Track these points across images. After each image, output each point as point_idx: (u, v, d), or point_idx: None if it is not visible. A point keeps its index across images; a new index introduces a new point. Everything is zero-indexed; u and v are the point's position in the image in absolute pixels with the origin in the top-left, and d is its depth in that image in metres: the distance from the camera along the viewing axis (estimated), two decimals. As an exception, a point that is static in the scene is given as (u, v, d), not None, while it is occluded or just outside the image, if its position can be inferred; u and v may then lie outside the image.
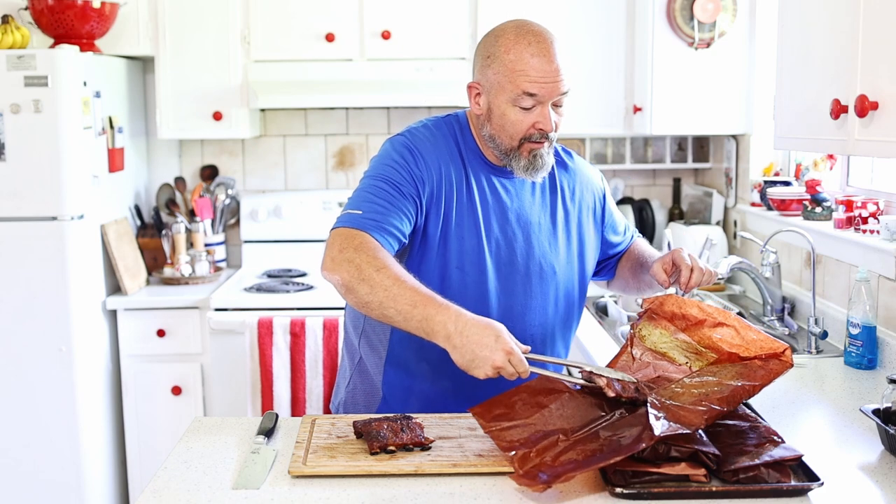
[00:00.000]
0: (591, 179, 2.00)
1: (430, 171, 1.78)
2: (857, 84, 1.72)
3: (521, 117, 1.76)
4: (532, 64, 1.72)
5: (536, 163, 1.79)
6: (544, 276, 1.88)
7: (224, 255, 3.78)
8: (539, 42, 1.73)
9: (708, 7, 3.20)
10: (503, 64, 1.74)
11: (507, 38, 1.76)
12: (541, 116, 1.75)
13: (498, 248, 1.83)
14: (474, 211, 1.81)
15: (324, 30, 3.48)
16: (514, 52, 1.73)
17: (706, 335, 1.65)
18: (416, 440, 1.57)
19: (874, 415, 1.63)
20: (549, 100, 1.75)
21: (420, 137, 1.83)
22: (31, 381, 3.11)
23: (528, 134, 1.76)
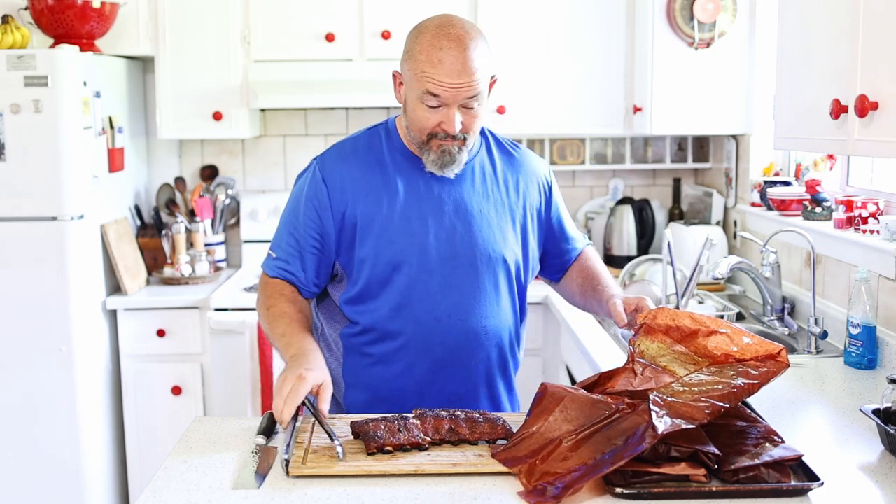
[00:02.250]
0: (537, 172, 2.00)
1: (339, 194, 1.85)
2: (857, 84, 1.72)
3: (428, 115, 1.77)
4: (439, 69, 1.72)
5: (445, 158, 1.81)
6: (493, 267, 1.88)
7: (224, 255, 3.78)
8: (451, 47, 1.72)
9: (708, 7, 3.20)
10: (416, 62, 1.76)
11: (424, 36, 1.76)
12: (444, 117, 1.77)
13: (438, 242, 1.84)
14: (406, 212, 1.84)
15: (324, 30, 3.48)
16: (426, 52, 1.74)
17: (701, 344, 1.65)
18: (412, 441, 1.57)
19: (874, 415, 1.63)
20: (453, 103, 1.75)
21: (332, 157, 1.90)
22: (31, 381, 3.11)
23: (434, 131, 1.79)
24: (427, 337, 1.85)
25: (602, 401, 1.55)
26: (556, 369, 3.18)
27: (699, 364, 1.63)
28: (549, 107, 3.52)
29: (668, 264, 2.85)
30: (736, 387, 1.51)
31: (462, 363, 1.88)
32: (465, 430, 1.60)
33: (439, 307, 1.84)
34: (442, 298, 1.84)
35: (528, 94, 3.51)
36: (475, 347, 1.88)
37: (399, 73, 1.83)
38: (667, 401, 1.47)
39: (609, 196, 3.92)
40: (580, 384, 1.68)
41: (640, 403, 1.50)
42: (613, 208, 3.72)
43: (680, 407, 1.45)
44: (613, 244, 3.68)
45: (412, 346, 1.86)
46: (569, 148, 3.79)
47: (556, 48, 3.50)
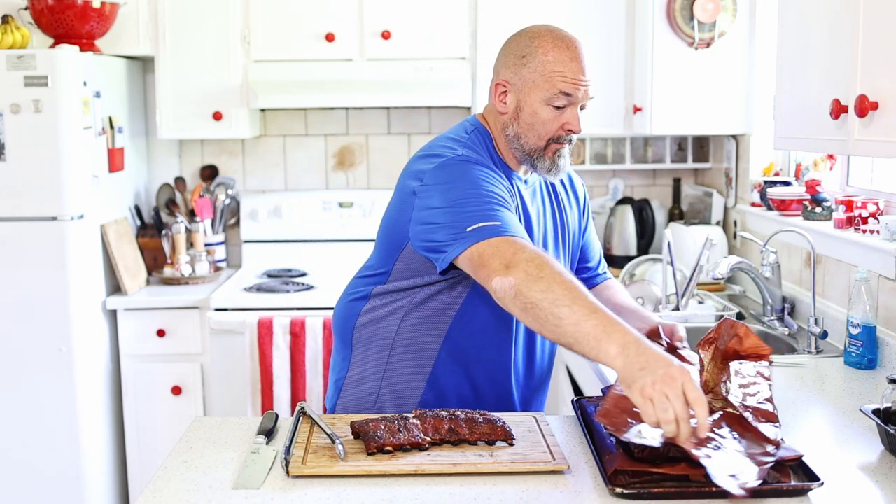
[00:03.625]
0: (578, 190, 2.05)
1: (503, 182, 1.77)
2: (857, 84, 1.72)
3: (553, 116, 1.80)
4: (570, 66, 1.78)
5: (559, 163, 1.84)
6: None
7: (224, 255, 3.78)
8: (575, 48, 1.80)
9: (708, 7, 3.20)
10: (542, 64, 1.78)
11: (544, 39, 1.80)
12: (571, 117, 1.80)
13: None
14: (519, 220, 1.82)
15: (324, 30, 3.48)
16: (553, 53, 1.78)
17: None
18: (412, 441, 1.57)
19: (874, 415, 1.63)
20: (580, 102, 1.81)
21: (474, 156, 1.78)
22: (31, 381, 3.11)
23: (557, 135, 1.81)
24: (506, 349, 1.88)
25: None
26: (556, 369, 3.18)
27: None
28: (549, 107, 3.51)
29: (668, 264, 2.85)
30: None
31: (525, 372, 1.93)
32: (465, 431, 1.60)
33: (520, 323, 1.87)
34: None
35: (528, 94, 3.50)
36: (541, 364, 1.96)
37: (505, 81, 1.83)
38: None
39: (609, 196, 3.92)
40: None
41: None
42: (613, 208, 3.72)
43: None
44: (613, 244, 3.68)
45: (491, 350, 1.86)
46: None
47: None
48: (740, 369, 1.62)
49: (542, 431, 1.67)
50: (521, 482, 1.47)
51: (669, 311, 2.84)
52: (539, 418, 1.74)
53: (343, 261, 3.72)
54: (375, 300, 1.89)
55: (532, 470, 1.51)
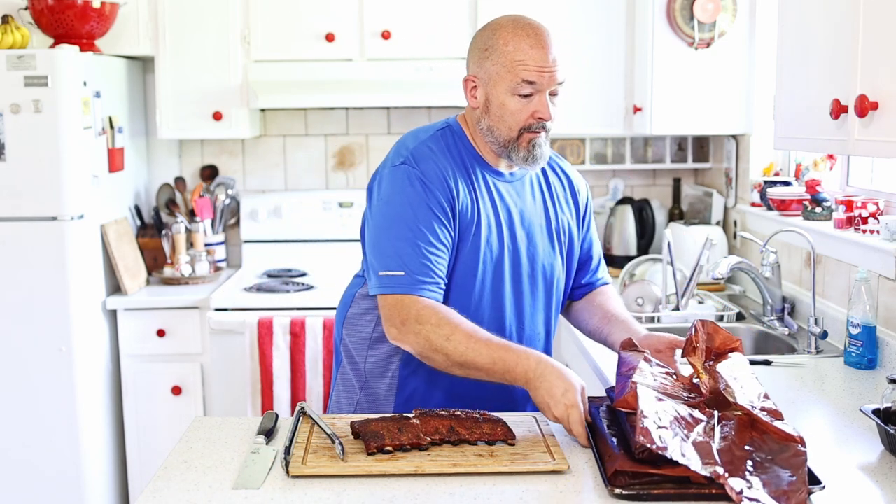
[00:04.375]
0: (579, 190, 2.02)
1: (446, 192, 1.77)
2: (857, 84, 1.72)
3: (520, 106, 1.78)
4: (530, 54, 1.76)
5: (535, 152, 1.81)
6: (546, 277, 1.91)
7: (224, 255, 3.78)
8: (536, 34, 1.77)
9: (708, 7, 3.20)
10: (502, 55, 1.77)
11: (504, 30, 1.79)
12: (539, 105, 1.78)
13: (511, 252, 1.85)
14: (488, 219, 1.83)
15: (324, 30, 3.48)
16: (513, 43, 1.77)
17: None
18: (413, 441, 1.57)
19: (874, 415, 1.63)
20: (546, 88, 1.78)
21: (424, 160, 1.79)
22: (31, 381, 3.11)
23: (527, 123, 1.79)
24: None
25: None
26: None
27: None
28: (549, 107, 3.51)
29: (668, 264, 2.85)
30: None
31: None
32: (465, 431, 1.60)
33: (505, 316, 1.86)
34: (509, 308, 1.87)
35: (528, 94, 3.50)
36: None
37: (473, 76, 1.83)
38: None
39: (609, 196, 3.92)
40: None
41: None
42: (613, 208, 3.72)
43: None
44: (613, 244, 3.68)
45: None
46: (569, 148, 3.79)
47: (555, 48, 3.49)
48: (731, 371, 1.62)
49: (542, 431, 1.67)
50: (521, 482, 1.47)
51: (669, 311, 2.84)
52: (539, 418, 1.74)
53: (343, 261, 3.73)
54: (358, 303, 1.92)
55: (532, 470, 1.51)
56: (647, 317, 2.83)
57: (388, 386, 1.89)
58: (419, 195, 1.75)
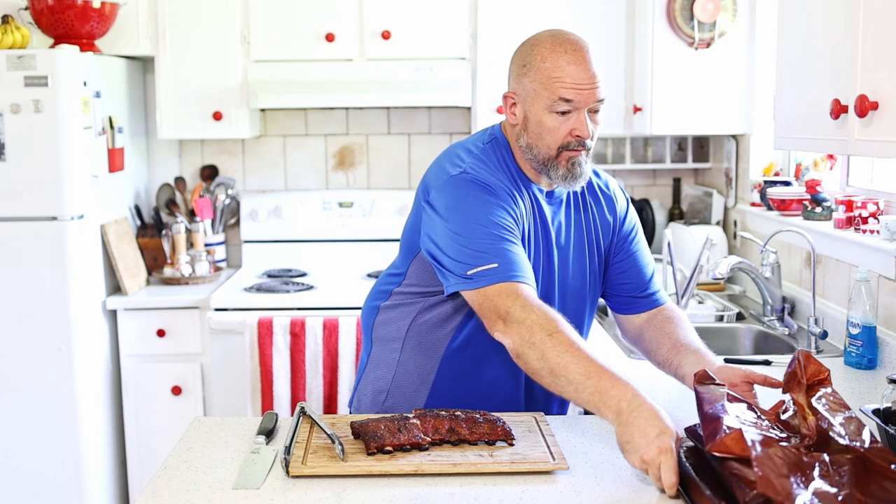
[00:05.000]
0: (617, 204, 1.97)
1: (510, 201, 1.75)
2: (857, 84, 1.72)
3: (558, 124, 1.76)
4: (568, 71, 1.73)
5: (575, 171, 1.78)
6: (577, 297, 1.90)
7: (224, 255, 3.78)
8: (575, 50, 1.75)
9: (708, 7, 3.20)
10: (540, 71, 1.75)
11: (542, 46, 1.77)
12: (577, 122, 1.75)
13: (546, 271, 1.84)
14: (530, 236, 1.81)
15: (324, 30, 3.48)
16: (551, 59, 1.75)
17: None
18: (412, 441, 1.57)
19: (874, 415, 1.63)
20: (584, 106, 1.75)
21: (483, 171, 1.77)
22: (31, 381, 3.11)
23: (566, 142, 1.76)
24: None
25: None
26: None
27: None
28: (549, 107, 3.51)
29: (668, 264, 2.85)
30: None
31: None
32: (465, 431, 1.60)
33: None
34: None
35: (528, 94, 3.50)
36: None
37: (513, 93, 1.81)
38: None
39: (609, 196, 3.91)
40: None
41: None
42: (613, 208, 3.72)
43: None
44: (613, 244, 3.68)
45: (507, 367, 1.81)
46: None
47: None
48: (828, 406, 1.48)
49: (542, 431, 1.67)
50: (521, 482, 1.47)
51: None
52: (539, 418, 1.74)
53: (343, 261, 3.73)
54: (393, 299, 1.92)
55: (532, 470, 1.51)
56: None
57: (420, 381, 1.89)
58: (489, 200, 1.72)
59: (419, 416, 1.63)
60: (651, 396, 1.96)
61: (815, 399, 1.49)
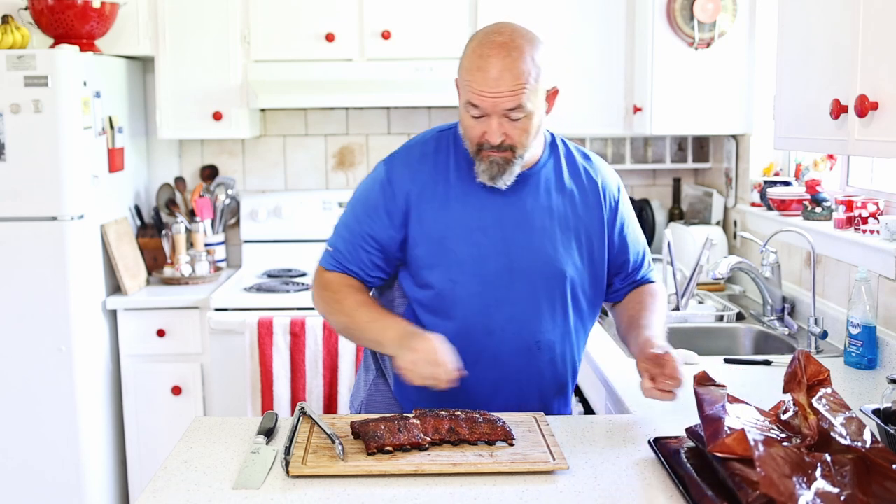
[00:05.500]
0: (607, 185, 1.94)
1: (403, 200, 1.82)
2: (857, 84, 1.72)
3: (474, 124, 1.75)
4: (476, 77, 1.70)
5: (493, 170, 1.77)
6: (552, 282, 1.85)
7: (224, 255, 3.78)
8: (490, 55, 1.69)
9: (708, 7, 3.20)
10: (461, 69, 1.75)
11: (472, 43, 1.75)
12: (486, 127, 1.73)
13: (495, 255, 1.82)
14: (467, 222, 1.81)
15: (324, 30, 3.48)
16: (468, 59, 1.73)
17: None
18: (412, 441, 1.57)
19: (874, 415, 1.63)
20: (493, 113, 1.71)
21: (398, 165, 1.87)
22: (31, 381, 3.11)
23: (481, 142, 1.76)
24: (478, 349, 1.83)
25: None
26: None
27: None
28: (549, 107, 3.51)
29: (668, 264, 2.85)
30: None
31: (513, 378, 1.86)
32: (465, 431, 1.60)
33: (492, 320, 1.82)
34: (496, 311, 1.82)
35: (528, 94, 3.50)
36: (527, 363, 1.85)
37: (456, 80, 1.81)
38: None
39: (609, 196, 3.91)
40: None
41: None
42: (613, 208, 3.71)
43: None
44: (613, 244, 3.68)
45: (464, 357, 1.80)
46: (569, 148, 3.78)
47: (556, 48, 3.50)
48: (829, 406, 1.48)
49: (542, 431, 1.67)
50: (521, 482, 1.47)
51: (670, 311, 2.83)
52: (539, 418, 1.74)
53: (343, 261, 3.73)
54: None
55: (532, 470, 1.51)
56: (647, 317, 2.83)
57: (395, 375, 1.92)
58: (376, 196, 1.85)
59: (419, 415, 1.63)
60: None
61: (815, 399, 1.48)
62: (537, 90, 1.73)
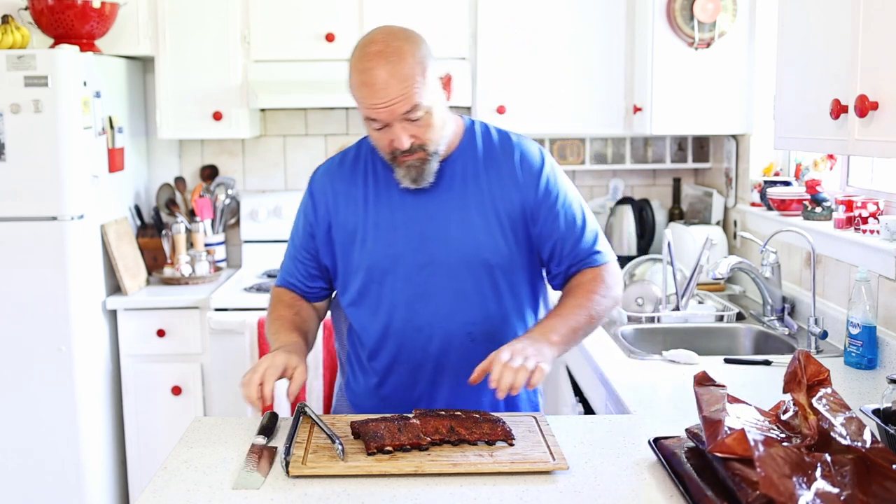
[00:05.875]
0: (531, 166, 1.86)
1: (324, 207, 1.89)
2: (857, 84, 1.72)
3: (378, 136, 1.76)
4: (364, 92, 1.69)
5: (412, 173, 1.77)
6: (475, 271, 1.82)
7: (224, 255, 3.78)
8: (372, 66, 1.67)
9: (708, 7, 3.20)
10: (351, 88, 1.74)
11: (352, 58, 1.73)
12: (392, 136, 1.72)
13: (412, 251, 1.82)
14: (382, 223, 1.83)
15: (324, 30, 3.48)
16: (353, 75, 1.72)
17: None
18: (413, 441, 1.57)
19: (874, 415, 1.63)
20: (392, 121, 1.70)
21: (320, 174, 1.94)
22: (31, 381, 3.11)
23: (391, 150, 1.75)
24: (411, 347, 1.85)
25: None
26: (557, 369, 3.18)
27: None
28: (549, 107, 3.52)
29: (668, 264, 2.85)
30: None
31: (451, 373, 1.86)
32: (465, 431, 1.60)
33: (419, 316, 1.83)
34: (421, 307, 1.83)
35: (528, 94, 3.51)
36: (462, 356, 1.84)
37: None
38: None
39: (609, 196, 3.92)
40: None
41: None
42: (613, 208, 3.72)
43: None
44: (613, 244, 3.68)
45: (399, 357, 1.86)
46: (569, 148, 3.79)
47: (556, 48, 3.50)
48: (829, 406, 1.47)
49: (542, 431, 1.67)
50: (521, 482, 1.47)
51: (669, 311, 2.84)
52: (539, 418, 1.74)
53: (343, 261, 3.73)
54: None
55: (532, 470, 1.51)
56: (647, 317, 2.83)
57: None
58: (304, 208, 1.94)
59: (419, 415, 1.63)
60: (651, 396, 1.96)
61: (815, 399, 1.48)
62: (427, 84, 1.70)
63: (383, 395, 1.91)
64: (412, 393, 1.88)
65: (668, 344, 2.69)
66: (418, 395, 1.88)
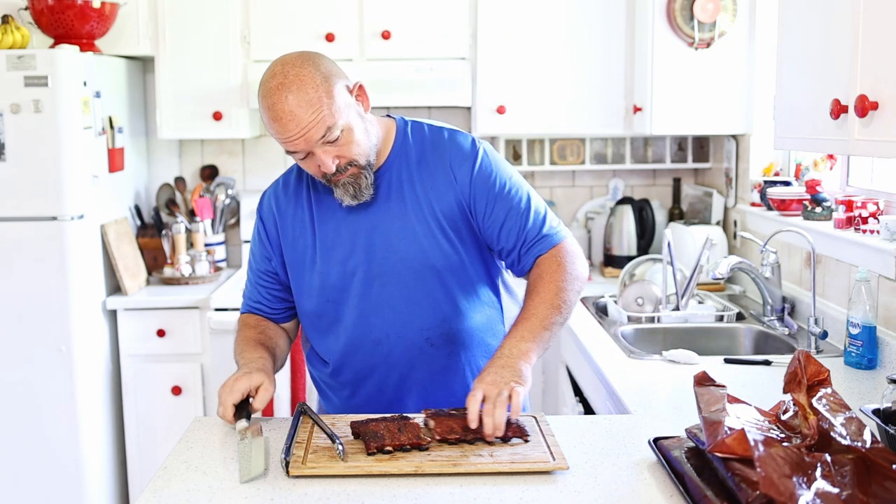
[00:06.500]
0: (462, 160, 1.82)
1: (274, 231, 1.90)
2: (857, 84, 1.72)
3: (305, 164, 1.75)
4: (275, 128, 1.67)
5: (349, 190, 1.76)
6: (423, 277, 1.81)
7: (224, 255, 3.78)
8: (277, 101, 1.65)
9: (708, 7, 3.20)
10: (264, 124, 1.72)
11: (259, 97, 1.71)
12: (318, 162, 1.71)
13: (359, 265, 1.82)
14: (327, 240, 1.83)
15: (324, 30, 3.48)
16: (264, 115, 1.70)
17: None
18: (413, 441, 1.57)
19: (874, 415, 1.63)
20: (310, 149, 1.68)
21: (268, 195, 1.94)
22: (31, 381, 3.11)
23: (322, 174, 1.74)
24: (373, 361, 1.85)
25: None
26: (556, 369, 3.18)
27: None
28: (549, 107, 3.52)
29: (668, 264, 2.85)
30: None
31: (416, 380, 1.86)
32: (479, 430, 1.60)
33: (376, 329, 1.83)
34: (377, 320, 1.82)
35: (528, 94, 3.51)
36: (425, 363, 1.84)
37: None
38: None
39: (609, 196, 3.92)
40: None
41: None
42: (613, 208, 3.72)
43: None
44: (613, 244, 3.68)
45: (362, 371, 1.86)
46: (569, 148, 3.79)
47: (556, 48, 3.50)
48: (829, 406, 1.46)
49: (542, 431, 1.67)
50: (521, 482, 1.47)
51: (669, 311, 2.84)
52: (539, 418, 1.74)
53: (343, 261, 3.73)
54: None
55: (532, 470, 1.51)
56: (647, 317, 2.83)
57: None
58: (256, 230, 1.95)
59: (432, 416, 1.64)
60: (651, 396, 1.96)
61: (815, 399, 1.48)
62: (337, 102, 1.67)
63: (356, 405, 1.91)
64: (381, 402, 1.88)
65: (668, 344, 2.69)
66: (387, 403, 1.87)
